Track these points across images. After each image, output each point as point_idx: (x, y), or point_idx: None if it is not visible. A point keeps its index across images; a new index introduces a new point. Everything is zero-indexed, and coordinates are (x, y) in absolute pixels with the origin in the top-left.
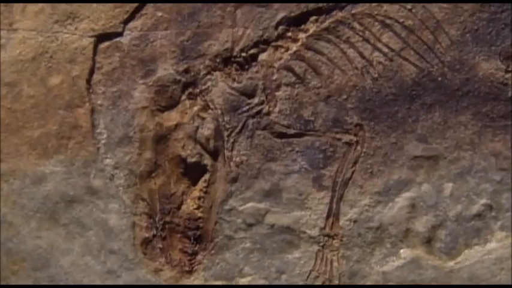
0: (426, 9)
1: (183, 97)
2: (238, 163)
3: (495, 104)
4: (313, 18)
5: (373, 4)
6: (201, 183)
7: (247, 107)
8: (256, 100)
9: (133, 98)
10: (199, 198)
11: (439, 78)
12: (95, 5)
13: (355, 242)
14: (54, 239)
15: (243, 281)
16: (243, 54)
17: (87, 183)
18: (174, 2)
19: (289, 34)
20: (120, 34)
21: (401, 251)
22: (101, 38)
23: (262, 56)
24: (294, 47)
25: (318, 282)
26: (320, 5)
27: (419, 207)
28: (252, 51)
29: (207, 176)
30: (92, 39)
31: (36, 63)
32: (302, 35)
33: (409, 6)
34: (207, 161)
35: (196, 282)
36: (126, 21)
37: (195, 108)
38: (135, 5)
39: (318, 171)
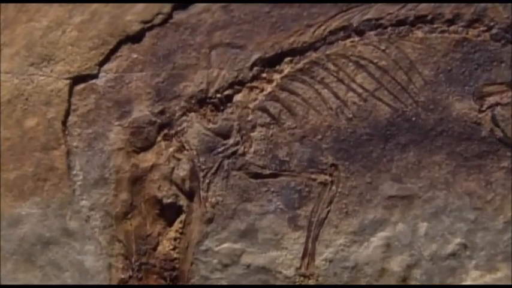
0: (400, 49)
1: (159, 138)
2: (213, 204)
3: (469, 144)
4: (287, 59)
5: (347, 45)
6: (177, 224)
7: (223, 148)
8: (231, 141)
9: (109, 140)
10: (175, 239)
11: (413, 118)
12: (70, 47)
13: (330, 282)
14: (30, 281)
15: None
16: (218, 95)
17: (63, 224)
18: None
19: (264, 75)
20: (96, 76)
21: None
22: (77, 80)
23: (237, 97)
24: (268, 88)
25: None
26: (294, 45)
27: (394, 246)
28: (227, 92)
29: (182, 217)
30: (67, 82)
31: (11, 106)
32: (277, 76)
33: (382, 46)
34: (183, 201)
35: None
36: (101, 63)
37: (171, 149)
38: (110, 47)
39: (293, 211)
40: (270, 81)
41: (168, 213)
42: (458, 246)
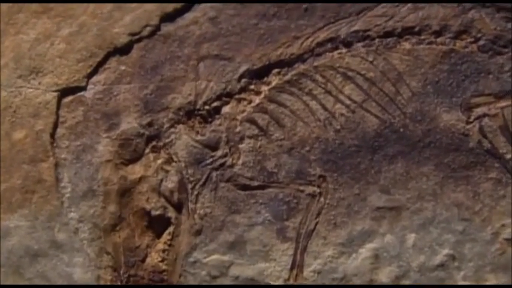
0: (387, 61)
1: (147, 150)
2: (202, 215)
3: (457, 155)
4: (275, 70)
5: (335, 56)
6: (165, 236)
7: (211, 160)
8: (219, 152)
9: (97, 152)
10: (163, 250)
11: (401, 130)
12: (58, 59)
13: None
14: None
15: None
16: (206, 107)
17: (52, 237)
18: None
19: (252, 87)
20: (84, 88)
21: None
22: (65, 92)
23: (226, 109)
24: (256, 100)
25: None
26: (282, 57)
27: (382, 258)
28: (215, 104)
29: (171, 229)
30: (55, 94)
31: None
32: (265, 88)
33: (370, 58)
34: (171, 213)
35: None
36: (89, 76)
37: (159, 161)
38: (98, 59)
39: (281, 222)
40: (258, 93)
41: (157, 225)
42: (446, 257)
